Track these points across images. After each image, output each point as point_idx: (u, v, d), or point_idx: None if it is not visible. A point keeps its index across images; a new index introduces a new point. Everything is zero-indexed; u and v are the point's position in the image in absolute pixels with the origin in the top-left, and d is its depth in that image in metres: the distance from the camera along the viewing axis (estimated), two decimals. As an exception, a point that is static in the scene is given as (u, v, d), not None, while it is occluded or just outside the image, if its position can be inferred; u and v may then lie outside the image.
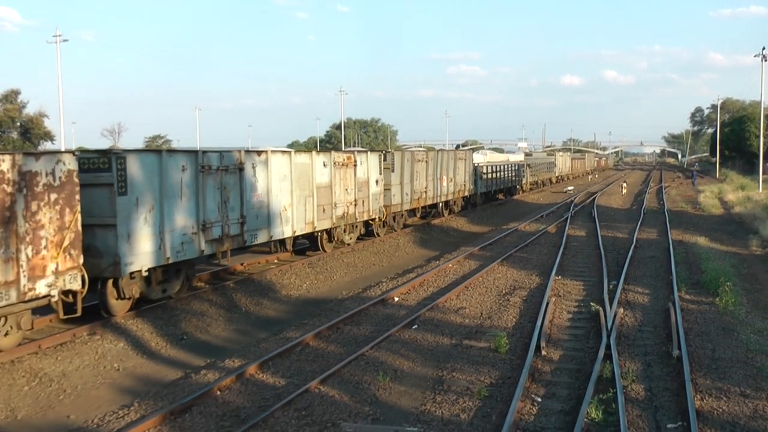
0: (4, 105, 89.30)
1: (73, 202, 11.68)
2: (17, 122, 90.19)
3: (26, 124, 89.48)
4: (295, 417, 8.84)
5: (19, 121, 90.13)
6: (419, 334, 12.75)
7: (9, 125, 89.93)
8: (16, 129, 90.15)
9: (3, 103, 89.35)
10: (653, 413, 8.91)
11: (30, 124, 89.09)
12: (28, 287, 10.96)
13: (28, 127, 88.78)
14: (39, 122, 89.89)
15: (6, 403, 9.96)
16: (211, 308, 15.25)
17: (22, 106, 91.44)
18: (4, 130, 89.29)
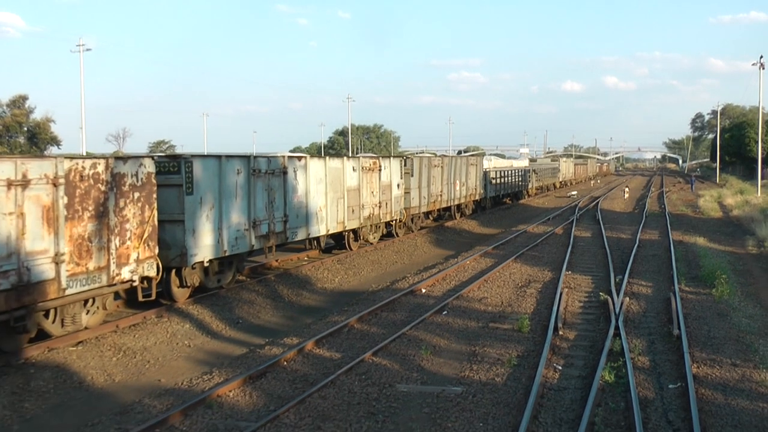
0: (11, 110, 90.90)
1: (151, 200, 13.42)
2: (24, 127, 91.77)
3: (33, 129, 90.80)
4: (358, 380, 10.55)
5: (26, 126, 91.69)
6: (449, 319, 14.46)
7: (16, 130, 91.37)
8: (23, 134, 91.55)
9: (10, 108, 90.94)
10: (657, 377, 10.61)
11: (37, 129, 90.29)
12: (115, 272, 12.69)
13: (35, 132, 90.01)
14: (46, 127, 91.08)
15: (102, 370, 11.67)
16: (258, 297, 16.96)
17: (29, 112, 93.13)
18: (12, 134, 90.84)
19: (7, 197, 10.63)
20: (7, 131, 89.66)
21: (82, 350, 12.27)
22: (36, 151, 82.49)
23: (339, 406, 9.48)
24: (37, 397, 10.48)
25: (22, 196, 10.87)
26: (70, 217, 11.66)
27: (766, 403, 9.49)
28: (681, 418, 8.93)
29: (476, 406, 9.51)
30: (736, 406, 9.41)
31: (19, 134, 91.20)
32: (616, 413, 9.14)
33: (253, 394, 10.15)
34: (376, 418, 9.12)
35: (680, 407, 9.29)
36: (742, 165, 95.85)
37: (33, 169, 11.03)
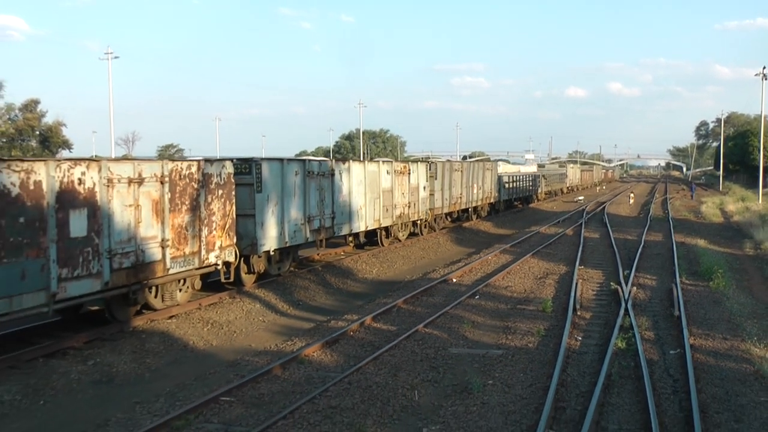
0: (23, 114, 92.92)
1: (231, 197, 15.81)
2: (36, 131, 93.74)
3: (45, 132, 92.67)
4: (416, 344, 12.90)
5: (38, 130, 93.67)
6: (482, 302, 16.82)
7: (29, 134, 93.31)
8: (35, 137, 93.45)
9: (23, 112, 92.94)
10: (660, 345, 12.93)
11: (49, 132, 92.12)
12: (204, 257, 15.08)
13: (46, 136, 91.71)
14: (57, 131, 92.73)
15: (200, 337, 14.04)
16: (311, 284, 19.32)
17: (41, 115, 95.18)
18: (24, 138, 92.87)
19: (128, 192, 13.01)
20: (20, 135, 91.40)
21: (178, 322, 14.64)
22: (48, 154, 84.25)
23: (406, 362, 11.83)
24: (154, 355, 12.86)
25: (138, 192, 13.26)
26: (172, 210, 14.05)
27: (748, 365, 11.79)
28: (679, 372, 11.24)
29: (515, 362, 11.87)
30: (723, 366, 11.72)
31: (32, 138, 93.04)
32: (627, 369, 11.46)
33: (332, 354, 12.50)
34: (437, 370, 11.48)
35: (679, 366, 11.60)
36: (745, 173, 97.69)
37: (146, 169, 13.42)
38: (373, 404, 9.87)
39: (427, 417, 9.51)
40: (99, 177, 12.26)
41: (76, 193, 11.85)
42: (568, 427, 8.99)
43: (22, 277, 10.99)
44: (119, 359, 12.43)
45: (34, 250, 11.14)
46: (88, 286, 12.23)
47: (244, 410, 9.72)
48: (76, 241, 11.87)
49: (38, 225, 11.21)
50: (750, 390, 10.48)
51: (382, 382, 10.79)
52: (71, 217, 11.75)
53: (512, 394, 10.32)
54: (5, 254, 10.67)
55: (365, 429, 9.00)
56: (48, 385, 11.11)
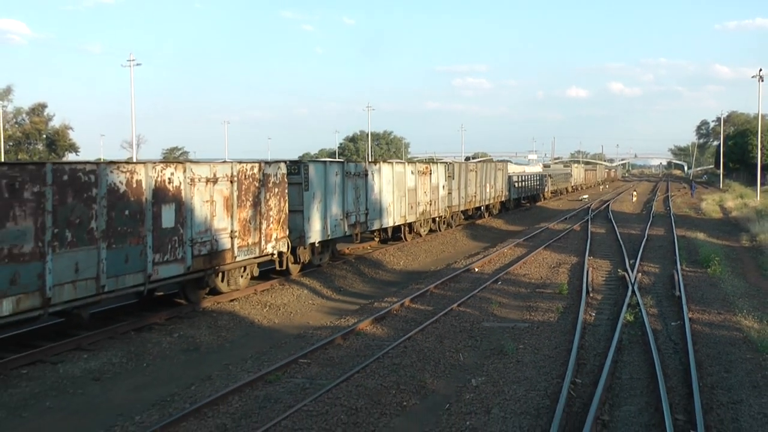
0: (30, 118, 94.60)
1: (284, 195, 17.93)
2: (43, 134, 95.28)
3: (52, 136, 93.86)
4: (453, 319, 15.00)
5: (45, 133, 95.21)
6: (504, 286, 18.92)
7: (36, 137, 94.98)
8: (42, 141, 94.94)
9: (30, 116, 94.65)
10: (663, 318, 15.02)
11: (56, 136, 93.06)
12: (263, 247, 17.19)
13: (53, 139, 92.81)
14: (64, 134, 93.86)
15: (263, 316, 16.15)
16: (347, 273, 21.42)
17: (48, 119, 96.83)
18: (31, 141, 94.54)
19: (205, 190, 15.13)
20: (27, 138, 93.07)
21: (240, 304, 16.74)
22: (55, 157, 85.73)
23: (448, 332, 13.94)
24: (227, 330, 14.96)
25: (213, 189, 15.37)
26: (239, 205, 16.17)
27: (738, 332, 13.86)
28: (679, 338, 13.31)
29: (540, 332, 13.97)
30: (717, 333, 13.79)
31: (38, 141, 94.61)
32: (635, 336, 13.54)
33: (382, 328, 14.60)
34: (475, 338, 13.58)
35: (679, 333, 13.68)
36: (745, 171, 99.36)
37: (219, 170, 15.54)
38: (427, 362, 11.97)
39: (473, 371, 11.60)
40: (184, 177, 14.38)
41: (167, 190, 13.97)
42: (590, 377, 11.07)
43: (126, 260, 13.12)
44: (199, 333, 14.53)
45: (135, 238, 13.27)
46: (175, 270, 14.36)
47: (320, 369, 11.82)
48: (166, 231, 13.99)
49: (138, 217, 13.34)
50: (738, 350, 12.56)
51: (431, 347, 12.90)
52: (163, 211, 13.87)
53: (541, 355, 12.43)
54: (114, 241, 12.79)
55: (425, 379, 11.09)
56: (145, 352, 13.21)
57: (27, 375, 11.61)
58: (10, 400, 10.68)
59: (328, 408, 9.71)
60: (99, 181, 12.40)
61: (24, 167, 11.35)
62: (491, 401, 10.07)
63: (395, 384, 10.80)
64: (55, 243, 11.62)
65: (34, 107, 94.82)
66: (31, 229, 11.23)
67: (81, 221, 12.12)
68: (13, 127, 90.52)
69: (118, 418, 9.86)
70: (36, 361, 12.23)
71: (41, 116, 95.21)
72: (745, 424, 9.18)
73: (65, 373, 11.82)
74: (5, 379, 11.34)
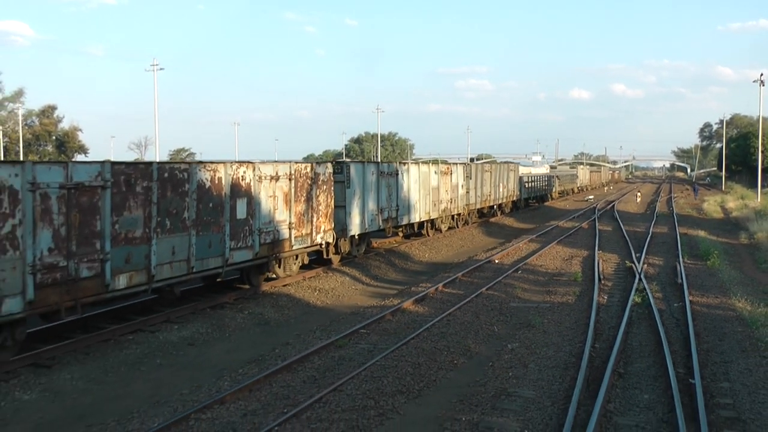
0: (40, 119, 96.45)
1: (330, 191, 20.20)
2: (53, 136, 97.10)
3: (62, 137, 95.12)
4: (484, 300, 17.27)
5: (54, 135, 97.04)
6: (524, 275, 21.18)
7: (46, 139, 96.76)
8: (51, 142, 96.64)
9: (40, 118, 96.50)
10: (667, 300, 17.26)
11: (65, 137, 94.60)
12: (313, 238, 19.47)
13: (63, 141, 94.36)
14: (74, 136, 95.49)
15: (315, 298, 18.42)
16: (381, 264, 23.69)
17: (58, 121, 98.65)
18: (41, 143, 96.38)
19: (270, 186, 17.40)
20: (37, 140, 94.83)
21: (293, 288, 19.01)
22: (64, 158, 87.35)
23: (481, 310, 16.20)
24: (288, 309, 17.23)
25: (275, 186, 17.65)
26: (295, 200, 18.44)
27: (732, 312, 16.09)
28: (681, 315, 15.55)
29: (561, 310, 16.23)
30: (713, 313, 16.03)
31: (48, 143, 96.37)
32: (643, 314, 15.78)
33: (422, 308, 16.86)
34: (505, 315, 15.84)
35: (680, 311, 15.92)
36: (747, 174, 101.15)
37: (280, 169, 17.82)
38: (468, 332, 14.24)
39: (507, 339, 13.86)
40: (253, 175, 16.66)
41: (240, 186, 16.25)
42: (606, 343, 13.32)
43: (210, 245, 15.40)
44: (265, 311, 16.80)
45: (216, 227, 15.55)
46: (245, 255, 16.64)
47: (379, 337, 14.08)
48: (239, 222, 16.27)
49: (219, 209, 15.62)
50: (731, 325, 14.80)
51: (469, 320, 15.17)
52: (237, 204, 16.15)
53: (563, 326, 14.70)
54: (201, 229, 15.07)
55: (468, 344, 13.35)
56: (225, 325, 15.47)
57: (134, 340, 13.88)
58: (127, 358, 12.96)
59: (396, 363, 11.98)
60: (190, 178, 14.68)
61: (136, 166, 13.65)
62: (527, 359, 12.34)
63: (446, 347, 13.07)
64: (158, 229, 13.90)
65: (44, 109, 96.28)
66: (141, 217, 13.51)
67: (177, 212, 14.40)
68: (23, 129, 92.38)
69: (222, 371, 12.14)
70: (136, 330, 14.50)
71: (51, 118, 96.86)
72: (733, 375, 11.43)
73: (164, 339, 14.10)
74: (117, 343, 13.61)
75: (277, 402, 10.37)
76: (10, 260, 11.12)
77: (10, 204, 11.08)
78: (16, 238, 11.19)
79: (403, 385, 10.99)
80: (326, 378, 11.47)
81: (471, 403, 10.25)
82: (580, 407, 9.60)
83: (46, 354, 12.62)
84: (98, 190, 12.57)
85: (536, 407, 9.97)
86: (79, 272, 12.29)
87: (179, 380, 11.85)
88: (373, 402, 10.21)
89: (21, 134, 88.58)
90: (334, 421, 9.50)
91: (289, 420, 9.48)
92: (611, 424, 9.37)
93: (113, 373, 12.20)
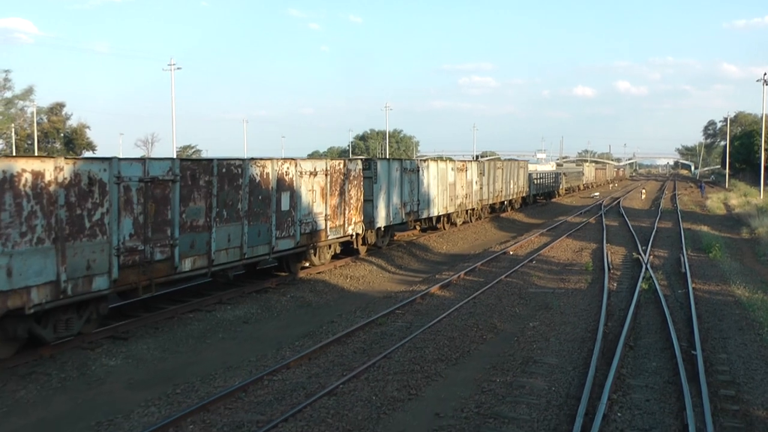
0: (49, 117, 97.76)
1: (360, 186, 21.84)
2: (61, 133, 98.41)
3: (70, 135, 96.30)
4: (504, 286, 18.91)
5: (63, 132, 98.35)
6: (538, 264, 22.81)
7: (54, 136, 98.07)
8: (59, 140, 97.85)
9: (48, 115, 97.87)
10: (671, 288, 18.89)
11: (74, 135, 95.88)
12: (346, 228, 21.12)
13: (71, 138, 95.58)
14: (82, 133, 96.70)
15: (348, 284, 20.07)
16: (403, 254, 25.34)
17: (66, 118, 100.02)
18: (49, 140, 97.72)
19: (309, 181, 19.05)
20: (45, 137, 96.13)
21: (327, 275, 20.66)
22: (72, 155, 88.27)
23: (503, 294, 17.85)
24: (326, 294, 18.88)
25: (313, 181, 19.29)
26: (330, 194, 20.08)
27: (730, 297, 17.72)
28: (684, 299, 17.17)
29: (575, 295, 17.87)
30: (714, 298, 17.65)
31: (57, 140, 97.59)
32: (650, 298, 17.41)
33: (449, 292, 18.51)
34: (525, 299, 17.48)
35: (684, 296, 17.54)
36: (751, 171, 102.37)
37: (318, 165, 19.46)
38: (493, 312, 15.89)
39: (528, 318, 15.51)
40: (295, 170, 18.30)
41: (285, 181, 17.90)
42: (617, 322, 14.95)
43: (258, 234, 17.06)
44: (305, 294, 18.45)
45: (264, 218, 17.20)
46: (288, 244, 18.30)
47: (413, 317, 15.73)
48: (284, 213, 17.93)
49: (267, 201, 17.26)
50: (729, 308, 16.43)
51: (493, 303, 16.83)
52: (282, 197, 17.80)
53: (578, 308, 16.35)
54: (252, 219, 16.73)
55: (494, 323, 15.00)
56: (271, 307, 17.13)
57: (194, 318, 15.55)
58: (192, 332, 14.62)
59: (434, 337, 13.65)
60: (244, 173, 16.34)
61: (199, 162, 15.31)
62: (548, 334, 14.00)
63: (474, 325, 14.73)
64: (217, 219, 15.55)
65: (53, 107, 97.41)
66: (203, 208, 15.17)
67: (232, 203, 16.06)
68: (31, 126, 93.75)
69: (280, 344, 13.80)
70: (194, 310, 16.16)
71: (59, 115, 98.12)
72: (730, 348, 13.06)
73: (221, 317, 15.76)
74: (180, 320, 15.27)
75: (335, 367, 12.03)
76: (99, 244, 12.77)
77: (99, 195, 12.73)
78: (104, 225, 12.84)
79: (442, 354, 12.65)
80: (373, 349, 13.12)
81: (503, 368, 11.90)
82: (597, 371, 11.24)
83: (121, 328, 14.30)
84: (169, 184, 14.22)
85: (560, 371, 11.63)
86: (154, 255, 13.95)
87: (244, 350, 13.51)
88: (419, 367, 11.87)
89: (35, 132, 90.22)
90: (388, 381, 11.15)
91: (350, 380, 11.14)
92: (624, 384, 11.01)
93: (183, 345, 13.87)
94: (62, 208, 11.99)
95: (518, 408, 10.00)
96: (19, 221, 11.34)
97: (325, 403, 10.18)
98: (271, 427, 9.30)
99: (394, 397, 10.49)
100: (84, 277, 12.50)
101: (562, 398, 10.40)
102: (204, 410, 10.07)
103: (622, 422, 9.44)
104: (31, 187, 11.54)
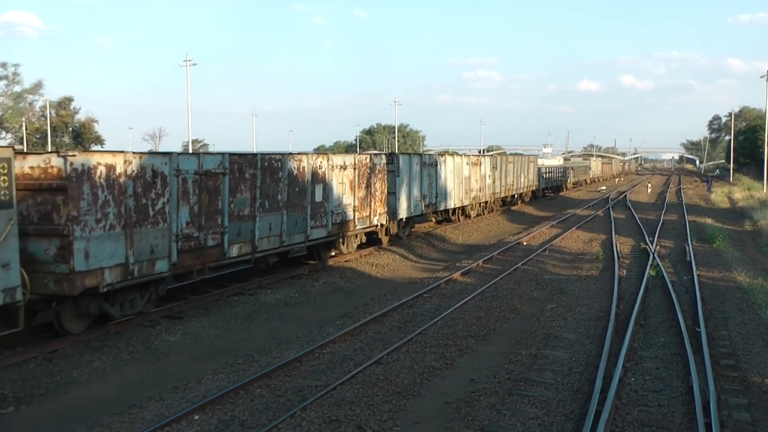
0: (57, 111, 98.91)
1: (384, 180, 23.21)
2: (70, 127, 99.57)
3: (78, 129, 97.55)
4: (521, 273, 20.28)
5: (71, 126, 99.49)
6: (551, 254, 24.18)
7: (62, 130, 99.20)
8: (68, 134, 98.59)
9: (57, 110, 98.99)
10: (678, 274, 20.24)
11: (82, 129, 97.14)
12: (371, 219, 22.51)
13: (80, 132, 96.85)
14: (90, 127, 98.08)
15: (375, 271, 21.45)
16: (422, 245, 26.73)
17: (74, 112, 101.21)
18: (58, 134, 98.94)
19: (339, 174, 20.42)
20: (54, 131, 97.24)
21: (353, 263, 22.04)
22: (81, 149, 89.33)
23: (520, 280, 19.22)
24: (355, 280, 20.26)
25: (343, 174, 20.66)
26: (358, 187, 21.46)
27: (732, 283, 19.06)
28: (689, 285, 18.51)
29: (588, 281, 19.24)
30: (717, 284, 18.99)
31: (65, 134, 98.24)
32: (657, 284, 18.75)
33: (470, 278, 19.89)
34: (541, 284, 18.86)
35: (689, 282, 18.88)
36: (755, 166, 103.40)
37: (347, 160, 20.84)
38: (513, 295, 17.27)
39: (546, 301, 16.88)
40: (327, 164, 19.68)
41: (318, 174, 19.28)
42: (628, 305, 16.31)
43: (296, 224, 18.45)
44: (336, 280, 19.85)
45: (301, 209, 18.59)
46: (321, 233, 19.69)
47: (440, 300, 17.11)
48: (317, 204, 19.31)
49: (303, 193, 18.65)
50: (731, 292, 17.78)
51: (512, 287, 18.21)
52: (316, 189, 19.18)
53: (592, 292, 17.71)
54: (290, 210, 18.11)
55: (515, 305, 16.37)
56: (307, 291, 18.53)
57: (239, 300, 16.95)
58: (239, 313, 16.03)
59: (462, 316, 15.04)
60: (283, 167, 17.72)
61: (245, 157, 16.70)
62: (565, 314, 15.37)
63: (497, 306, 16.12)
64: (260, 209, 16.94)
65: (61, 101, 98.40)
66: (248, 199, 16.56)
67: (273, 195, 17.45)
68: (39, 120, 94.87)
69: (323, 323, 15.20)
70: (237, 293, 17.57)
71: (68, 109, 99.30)
72: (731, 327, 14.42)
73: (263, 300, 17.17)
74: (227, 303, 16.68)
75: (376, 342, 13.42)
76: (161, 230, 14.17)
77: (161, 186, 14.12)
78: (165, 213, 14.23)
79: (471, 331, 14.04)
80: (408, 327, 14.50)
81: (526, 343, 13.28)
82: (612, 344, 12.61)
83: (175, 308, 15.71)
84: (220, 176, 15.62)
85: (578, 344, 13.01)
86: (207, 242, 15.36)
87: (290, 329, 14.91)
88: (452, 342, 13.26)
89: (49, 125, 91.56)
90: (426, 353, 12.54)
91: (392, 352, 12.53)
92: (636, 355, 12.38)
93: (234, 323, 15.28)
94: (131, 198, 13.39)
95: (544, 374, 11.38)
96: (95, 209, 12.73)
97: (374, 370, 11.57)
98: (330, 389, 10.69)
99: (433, 366, 11.87)
100: (148, 260, 13.90)
101: (582, 366, 11.78)
102: (267, 377, 11.46)
103: (636, 385, 10.82)
104: (104, 178, 12.93)
